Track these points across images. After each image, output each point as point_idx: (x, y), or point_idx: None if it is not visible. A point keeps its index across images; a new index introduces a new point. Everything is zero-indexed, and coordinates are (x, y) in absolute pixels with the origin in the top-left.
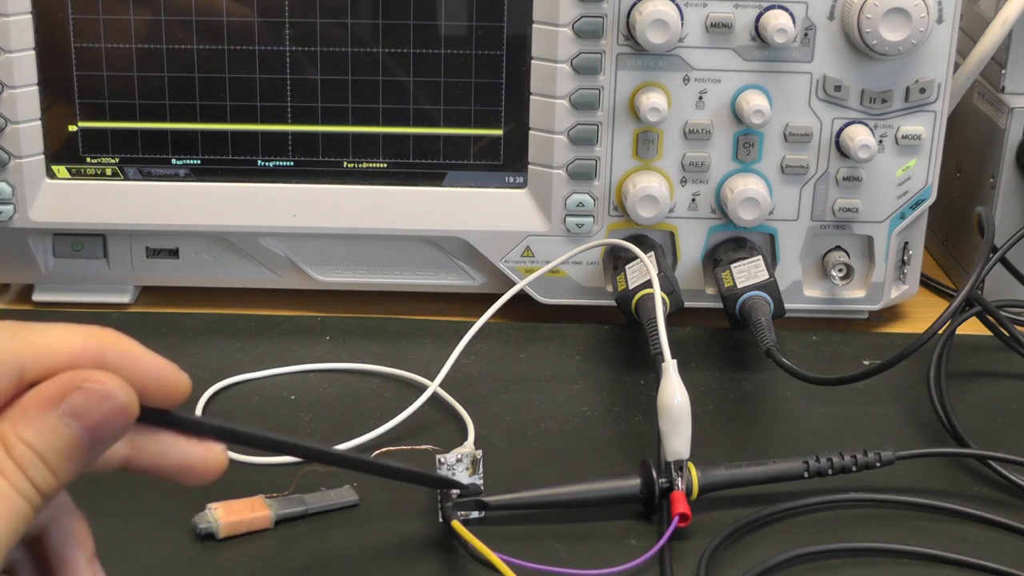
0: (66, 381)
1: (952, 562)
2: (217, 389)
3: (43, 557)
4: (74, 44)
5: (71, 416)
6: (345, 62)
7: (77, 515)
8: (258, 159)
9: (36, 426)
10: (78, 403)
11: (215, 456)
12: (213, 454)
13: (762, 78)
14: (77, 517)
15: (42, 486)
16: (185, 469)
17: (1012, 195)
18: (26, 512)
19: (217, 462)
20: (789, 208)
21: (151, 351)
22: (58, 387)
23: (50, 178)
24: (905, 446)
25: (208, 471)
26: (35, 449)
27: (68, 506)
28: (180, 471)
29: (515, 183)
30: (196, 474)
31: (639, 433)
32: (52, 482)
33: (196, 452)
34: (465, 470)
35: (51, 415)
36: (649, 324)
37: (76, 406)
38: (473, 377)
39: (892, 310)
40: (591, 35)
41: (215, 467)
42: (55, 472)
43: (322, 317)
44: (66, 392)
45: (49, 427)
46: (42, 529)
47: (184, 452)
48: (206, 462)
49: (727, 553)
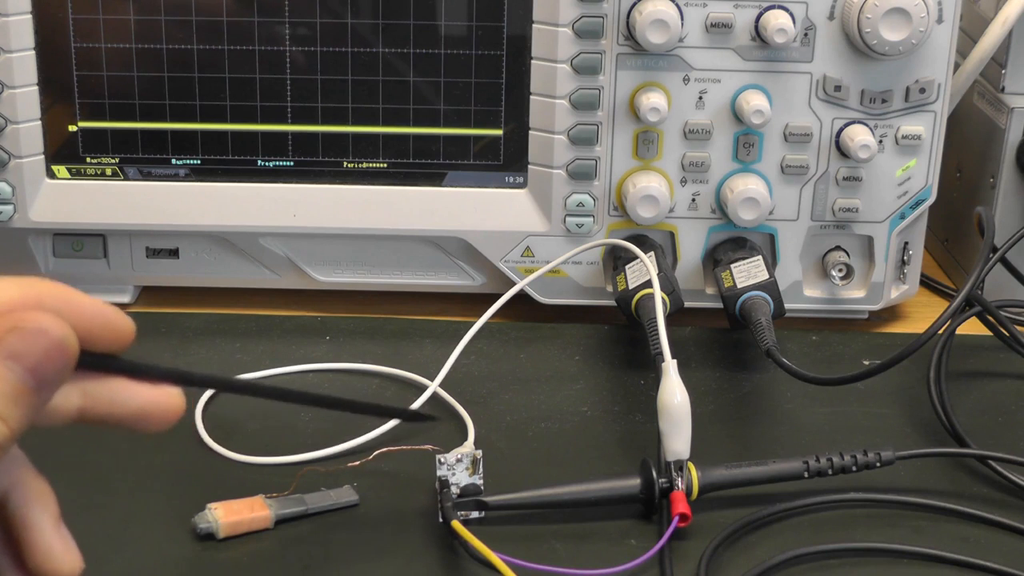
0: (1, 324)
1: (952, 562)
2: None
3: (6, 525)
4: (74, 44)
5: (10, 358)
6: (345, 62)
7: (38, 478)
8: (258, 159)
9: None
10: (14, 343)
11: (171, 399)
12: (168, 397)
13: (762, 78)
14: (38, 480)
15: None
16: (141, 415)
17: (1012, 195)
18: None
19: (173, 405)
20: (789, 208)
21: (93, 297)
22: None
23: (50, 178)
24: (905, 446)
25: (164, 416)
26: None
27: (28, 469)
28: (136, 417)
29: (515, 183)
30: (153, 419)
31: (639, 433)
32: (3, 429)
33: (150, 397)
34: (465, 470)
35: None
36: (649, 324)
37: (12, 347)
38: (473, 377)
39: (892, 310)
40: (591, 35)
41: (172, 410)
42: (4, 419)
43: (322, 317)
44: (2, 335)
45: None
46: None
47: (139, 398)
48: (161, 406)
49: (727, 553)
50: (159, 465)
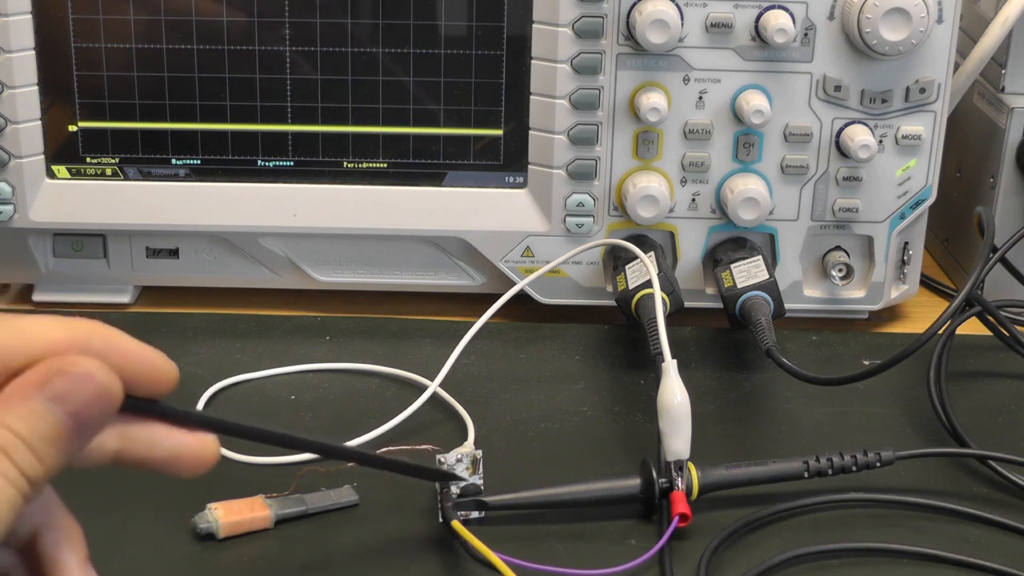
0: (48, 367)
1: (952, 562)
2: (217, 389)
3: (36, 562)
4: (74, 44)
5: (53, 401)
6: (345, 62)
7: (70, 518)
8: (258, 159)
9: (19, 412)
10: (60, 387)
11: (206, 447)
12: (204, 445)
13: (762, 78)
14: (70, 520)
15: (29, 472)
16: (176, 459)
17: (1012, 195)
18: (14, 499)
19: (208, 452)
20: (789, 208)
21: (137, 340)
22: (40, 373)
23: (50, 178)
24: (905, 446)
25: (200, 461)
26: (19, 435)
27: (60, 509)
28: (171, 462)
29: (515, 183)
30: (188, 465)
31: (639, 433)
32: (39, 468)
33: (187, 442)
34: (465, 470)
35: (33, 400)
36: (649, 324)
37: (58, 390)
38: (473, 377)
39: (892, 310)
40: (591, 35)
41: (207, 458)
42: (41, 459)
43: (322, 317)
44: (48, 378)
45: (32, 412)
46: (34, 533)
47: (175, 442)
48: (197, 452)
49: (727, 553)
50: None
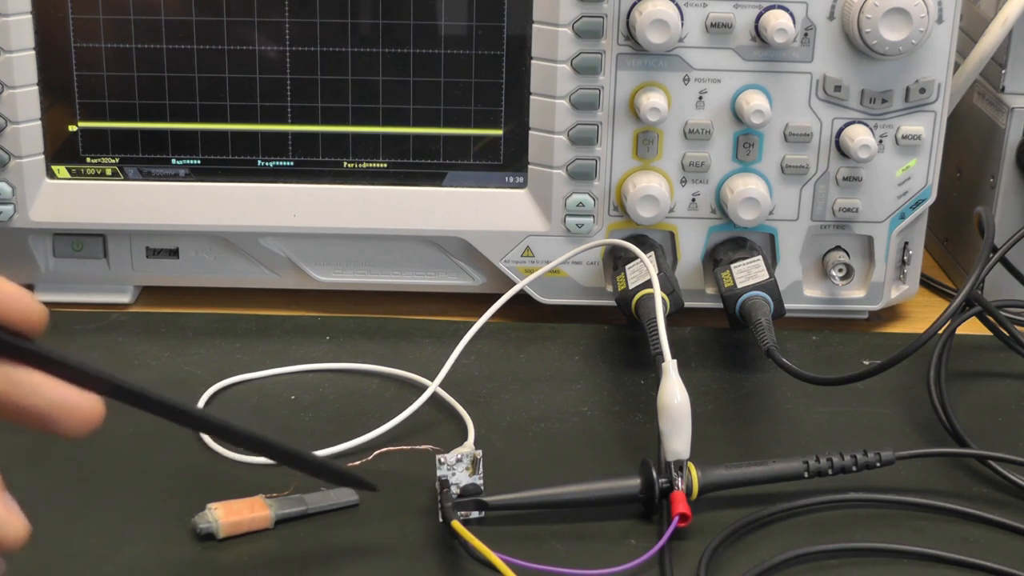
0: None
1: (952, 562)
2: (217, 389)
3: None
4: (74, 44)
5: None
6: (345, 62)
7: None
8: (258, 159)
9: None
10: None
11: (91, 404)
12: (89, 402)
13: (762, 78)
14: None
15: None
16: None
17: (1012, 195)
18: None
19: (93, 411)
20: (789, 208)
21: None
22: None
23: (50, 178)
24: (905, 446)
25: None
26: None
27: None
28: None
29: (515, 183)
30: (70, 421)
31: (639, 433)
32: None
33: (70, 396)
34: (465, 470)
35: None
36: (649, 324)
37: None
38: (473, 377)
39: (892, 310)
40: (591, 35)
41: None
42: None
43: (322, 317)
44: None
45: None
46: None
47: (59, 394)
48: (79, 407)
49: (727, 553)
50: (159, 465)
